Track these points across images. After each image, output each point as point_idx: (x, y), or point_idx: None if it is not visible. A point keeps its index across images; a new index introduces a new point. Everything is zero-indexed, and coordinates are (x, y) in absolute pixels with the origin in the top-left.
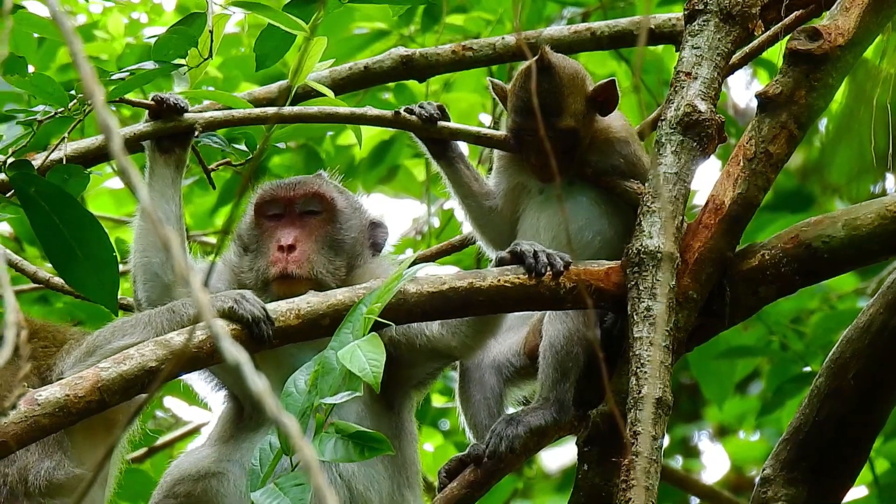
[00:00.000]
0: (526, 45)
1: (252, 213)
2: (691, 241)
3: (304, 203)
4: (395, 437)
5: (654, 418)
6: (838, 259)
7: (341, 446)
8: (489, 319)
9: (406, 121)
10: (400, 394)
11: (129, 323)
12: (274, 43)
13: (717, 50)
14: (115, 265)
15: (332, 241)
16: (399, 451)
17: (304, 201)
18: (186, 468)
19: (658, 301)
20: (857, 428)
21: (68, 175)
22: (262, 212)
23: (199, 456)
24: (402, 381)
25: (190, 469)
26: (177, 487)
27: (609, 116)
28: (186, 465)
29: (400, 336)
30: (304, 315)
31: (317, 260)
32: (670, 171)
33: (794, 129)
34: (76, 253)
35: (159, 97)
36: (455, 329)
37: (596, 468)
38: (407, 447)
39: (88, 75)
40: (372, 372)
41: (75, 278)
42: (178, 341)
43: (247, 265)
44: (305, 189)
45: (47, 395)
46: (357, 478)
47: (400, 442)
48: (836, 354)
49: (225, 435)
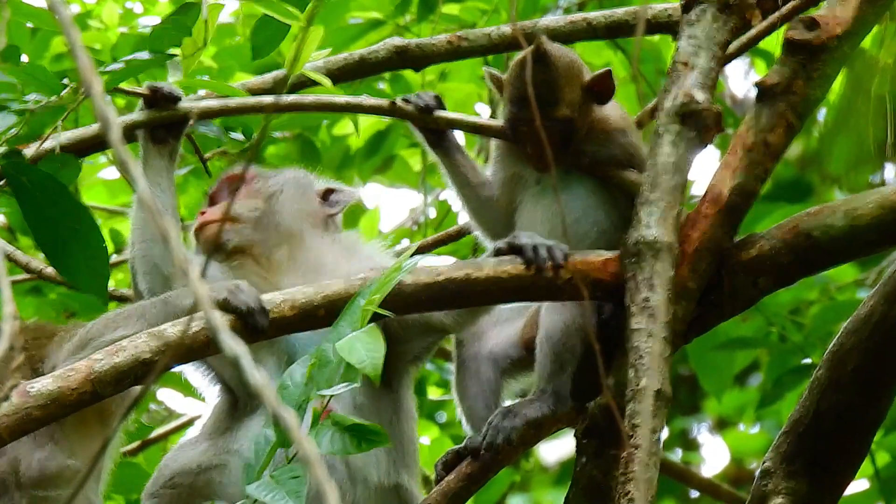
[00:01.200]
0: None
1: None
2: (690, 231)
3: (230, 187)
4: (394, 414)
5: (653, 410)
6: (838, 249)
7: (338, 438)
8: None
9: (402, 110)
10: (396, 370)
11: (122, 315)
12: (269, 33)
13: (715, 40)
14: (106, 255)
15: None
16: (396, 428)
17: (228, 185)
18: (186, 462)
19: (656, 292)
20: (857, 420)
21: (61, 164)
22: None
23: (198, 450)
24: (397, 358)
25: (190, 463)
26: (176, 479)
27: (606, 106)
28: (185, 459)
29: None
30: (299, 306)
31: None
32: (668, 160)
33: (793, 118)
34: (67, 243)
35: (154, 86)
36: None
37: (594, 461)
38: (404, 425)
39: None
40: (371, 363)
41: (66, 268)
42: (173, 333)
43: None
44: (225, 176)
45: (40, 387)
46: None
47: (398, 419)
48: (836, 346)
49: (221, 427)
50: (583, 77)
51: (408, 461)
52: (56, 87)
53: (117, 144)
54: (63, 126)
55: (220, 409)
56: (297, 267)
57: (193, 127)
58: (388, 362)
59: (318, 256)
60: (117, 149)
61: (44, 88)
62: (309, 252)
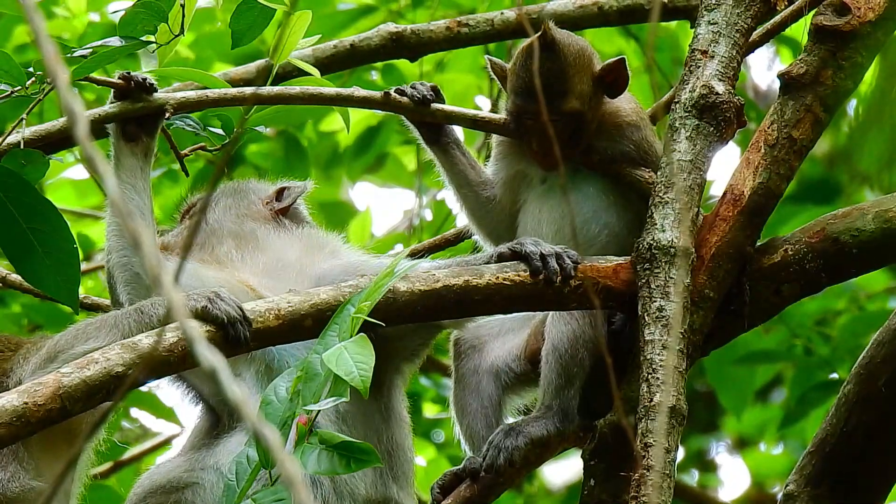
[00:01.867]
0: (527, 20)
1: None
2: (707, 234)
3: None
4: (383, 422)
5: (667, 429)
6: (868, 254)
7: (325, 458)
8: None
9: (397, 102)
10: (390, 369)
11: (93, 325)
12: (251, 18)
13: (736, 26)
14: (77, 259)
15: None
16: (385, 436)
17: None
18: (157, 479)
19: (671, 300)
20: (888, 439)
21: (25, 160)
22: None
23: (171, 466)
24: (390, 356)
25: (161, 480)
26: (148, 500)
27: (618, 99)
28: (157, 477)
29: None
30: (284, 315)
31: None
32: (685, 158)
33: (820, 112)
34: (33, 245)
35: (127, 74)
36: None
37: (603, 483)
38: (395, 432)
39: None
40: (360, 375)
41: (32, 273)
42: (147, 344)
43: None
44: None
45: (4, 403)
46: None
47: (387, 426)
48: (866, 359)
49: (198, 444)
50: (594, 66)
51: (398, 472)
52: (20, 77)
53: (84, 140)
54: (27, 120)
55: (200, 428)
56: (254, 262)
57: (169, 121)
58: (379, 361)
59: (278, 251)
60: (84, 145)
61: (7, 77)
62: (265, 249)
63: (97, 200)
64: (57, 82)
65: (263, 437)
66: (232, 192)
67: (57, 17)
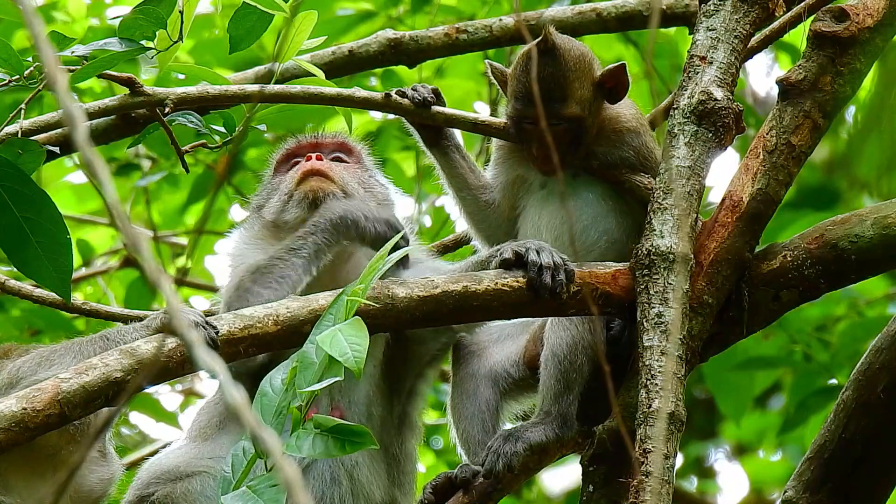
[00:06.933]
0: (526, 27)
1: (272, 170)
2: (706, 240)
3: (332, 150)
4: (398, 426)
5: (665, 435)
6: (867, 261)
7: (320, 442)
8: None
9: (397, 104)
10: (412, 375)
11: (57, 352)
12: (249, 23)
13: (735, 32)
14: (69, 249)
15: (362, 181)
16: (397, 441)
17: (332, 148)
18: (164, 465)
19: (670, 307)
20: (887, 446)
21: (22, 149)
22: (284, 162)
23: (179, 453)
24: (414, 360)
25: (167, 466)
26: (153, 488)
27: (618, 104)
28: (164, 462)
29: None
30: (283, 321)
31: (346, 177)
32: (683, 164)
33: (819, 118)
34: (27, 235)
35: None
36: None
37: (602, 489)
38: (407, 438)
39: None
40: (354, 357)
41: (26, 262)
42: (145, 350)
43: (273, 199)
44: (332, 138)
45: (2, 409)
46: (360, 468)
47: (400, 434)
48: (865, 365)
49: (207, 431)
50: (594, 72)
51: (402, 480)
52: (19, 66)
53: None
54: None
55: (210, 411)
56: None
57: (171, 117)
58: (406, 366)
59: (357, 263)
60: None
61: (5, 66)
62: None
63: (97, 205)
64: (56, 87)
65: (263, 440)
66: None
67: (56, 22)
